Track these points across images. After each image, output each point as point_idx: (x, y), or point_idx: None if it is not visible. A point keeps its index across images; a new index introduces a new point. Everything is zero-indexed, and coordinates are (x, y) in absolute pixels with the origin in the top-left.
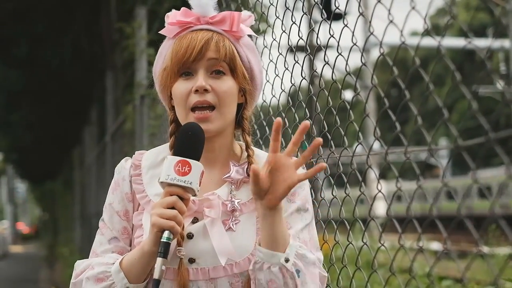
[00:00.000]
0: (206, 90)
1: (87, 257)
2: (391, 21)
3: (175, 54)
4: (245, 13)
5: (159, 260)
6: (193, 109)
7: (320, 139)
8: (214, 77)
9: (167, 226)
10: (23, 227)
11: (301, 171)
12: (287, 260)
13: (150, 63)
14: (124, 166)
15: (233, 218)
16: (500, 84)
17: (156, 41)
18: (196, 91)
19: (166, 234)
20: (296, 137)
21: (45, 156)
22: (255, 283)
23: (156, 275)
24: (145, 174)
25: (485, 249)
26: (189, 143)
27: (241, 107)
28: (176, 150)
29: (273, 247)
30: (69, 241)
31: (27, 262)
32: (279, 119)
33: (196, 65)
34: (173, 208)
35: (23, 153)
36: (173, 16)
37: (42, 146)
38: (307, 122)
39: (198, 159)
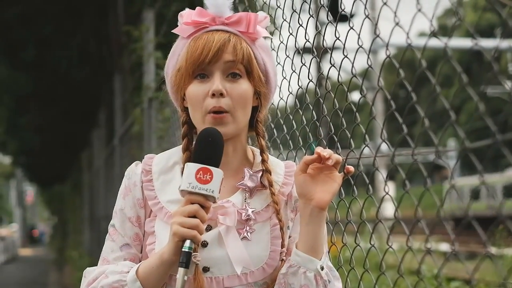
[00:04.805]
0: (221, 95)
1: (96, 260)
2: (397, 24)
3: (190, 55)
4: (261, 14)
5: (181, 270)
6: (209, 112)
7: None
8: (230, 80)
9: (189, 235)
10: (32, 230)
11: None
12: (322, 268)
13: (158, 66)
14: (135, 171)
15: (248, 227)
16: (508, 85)
17: (164, 44)
18: (213, 95)
19: (187, 243)
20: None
21: (53, 159)
22: None
23: (178, 286)
24: (156, 179)
25: (494, 250)
26: (210, 150)
27: (255, 110)
28: (196, 157)
29: (312, 253)
30: (78, 244)
31: (36, 265)
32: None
33: (212, 67)
34: (194, 217)
35: (32, 156)
36: (187, 16)
37: (51, 149)
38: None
39: (218, 166)
